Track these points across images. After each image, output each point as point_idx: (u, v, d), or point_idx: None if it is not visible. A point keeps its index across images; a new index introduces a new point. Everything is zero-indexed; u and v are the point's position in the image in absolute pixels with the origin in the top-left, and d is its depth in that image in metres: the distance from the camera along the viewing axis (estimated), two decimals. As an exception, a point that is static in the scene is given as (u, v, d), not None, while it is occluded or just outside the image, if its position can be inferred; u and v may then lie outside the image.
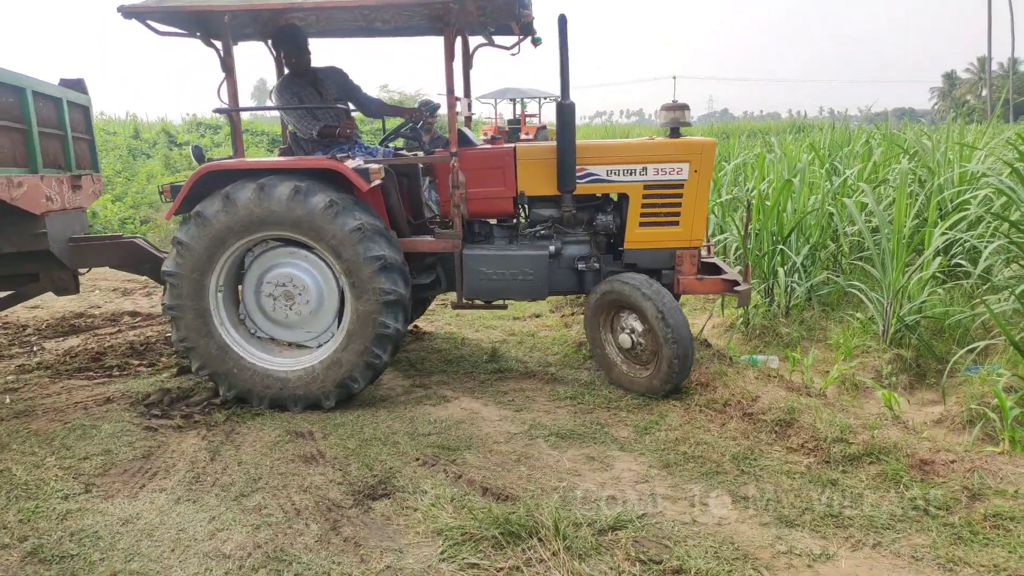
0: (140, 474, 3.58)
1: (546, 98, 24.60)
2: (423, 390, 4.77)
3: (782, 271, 6.30)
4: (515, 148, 4.75)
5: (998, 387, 4.07)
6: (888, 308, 5.42)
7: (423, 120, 5.30)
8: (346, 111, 5.18)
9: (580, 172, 4.64)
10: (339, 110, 5.07)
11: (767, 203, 6.68)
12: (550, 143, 4.74)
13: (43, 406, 4.52)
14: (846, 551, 2.80)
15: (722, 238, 7.58)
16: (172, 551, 2.88)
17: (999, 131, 9.88)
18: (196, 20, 4.54)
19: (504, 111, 24.41)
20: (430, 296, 5.89)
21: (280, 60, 5.34)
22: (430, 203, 5.47)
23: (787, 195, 6.82)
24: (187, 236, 4.29)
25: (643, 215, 4.69)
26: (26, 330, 6.49)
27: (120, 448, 3.86)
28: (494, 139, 5.41)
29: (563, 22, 4.28)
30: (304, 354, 4.51)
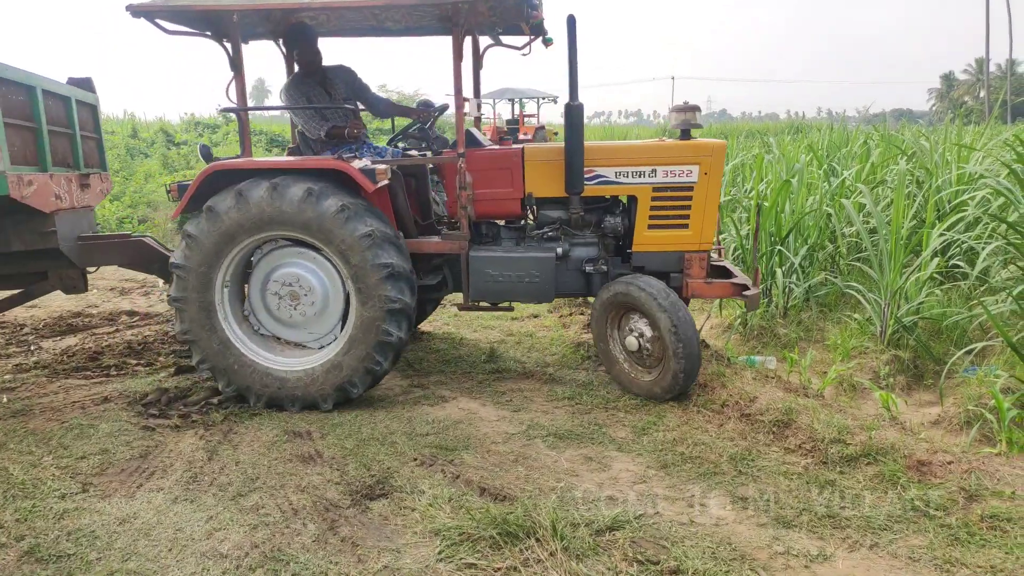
0: (137, 473, 3.58)
1: (544, 99, 24.61)
2: (421, 390, 4.77)
3: (780, 272, 6.30)
4: (523, 149, 4.70)
5: (995, 388, 4.08)
6: (886, 309, 5.42)
7: (432, 120, 5.28)
8: (354, 111, 5.15)
9: (588, 173, 4.60)
10: (347, 110, 5.04)
11: (765, 204, 6.68)
12: (558, 144, 4.68)
13: (40, 405, 4.51)
14: (843, 552, 2.80)
15: (720, 238, 7.58)
16: (169, 551, 2.88)
17: (997, 132, 9.90)
18: (205, 19, 4.53)
19: (503, 111, 24.42)
20: (437, 298, 5.87)
21: (290, 59, 5.32)
22: (438, 203, 5.45)
23: (785, 196, 6.83)
24: (197, 230, 4.29)
25: (652, 217, 4.63)
26: (23, 329, 6.48)
27: (117, 447, 3.85)
28: (502, 139, 5.35)
29: (572, 23, 4.24)
30: (305, 355, 4.51)
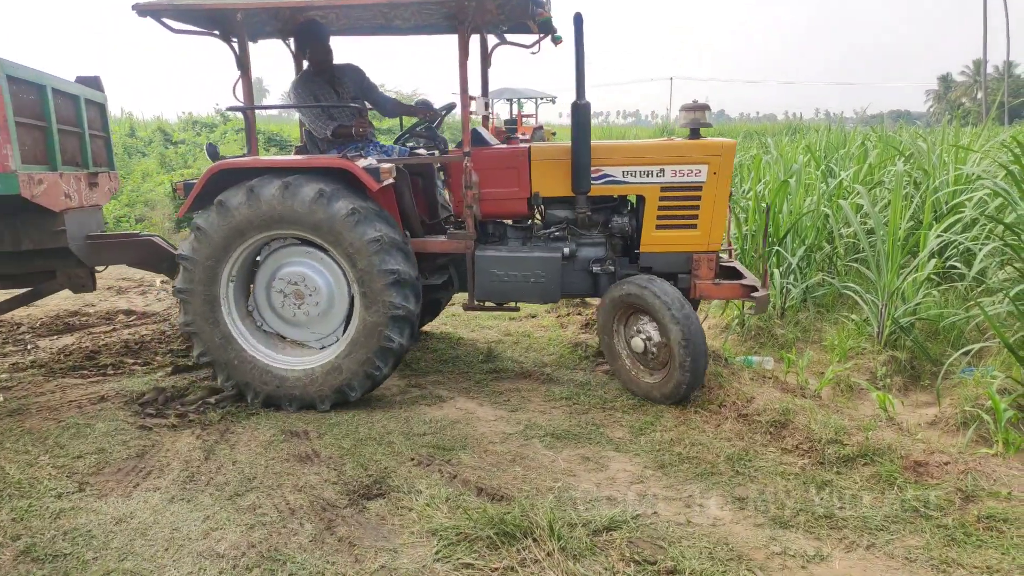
0: (134, 473, 3.57)
1: (542, 99, 24.64)
2: (418, 390, 4.77)
3: (777, 272, 6.31)
4: (530, 148, 4.67)
5: (992, 389, 4.08)
6: (883, 310, 5.43)
7: (439, 120, 5.26)
8: (361, 110, 5.13)
9: (595, 173, 4.57)
10: (355, 109, 5.02)
11: (764, 204, 6.68)
12: (565, 143, 4.64)
13: (37, 404, 4.50)
14: (840, 552, 2.81)
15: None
16: (166, 550, 2.88)
17: (994, 134, 9.90)
18: (212, 18, 4.51)
19: (501, 111, 24.39)
20: (445, 298, 5.85)
21: (299, 57, 5.32)
22: (447, 203, 5.43)
23: (783, 196, 6.84)
24: (207, 223, 4.28)
25: (660, 217, 4.58)
26: (20, 328, 6.47)
27: (114, 447, 3.85)
28: (509, 139, 5.32)
29: (579, 21, 4.19)
30: (306, 354, 4.50)
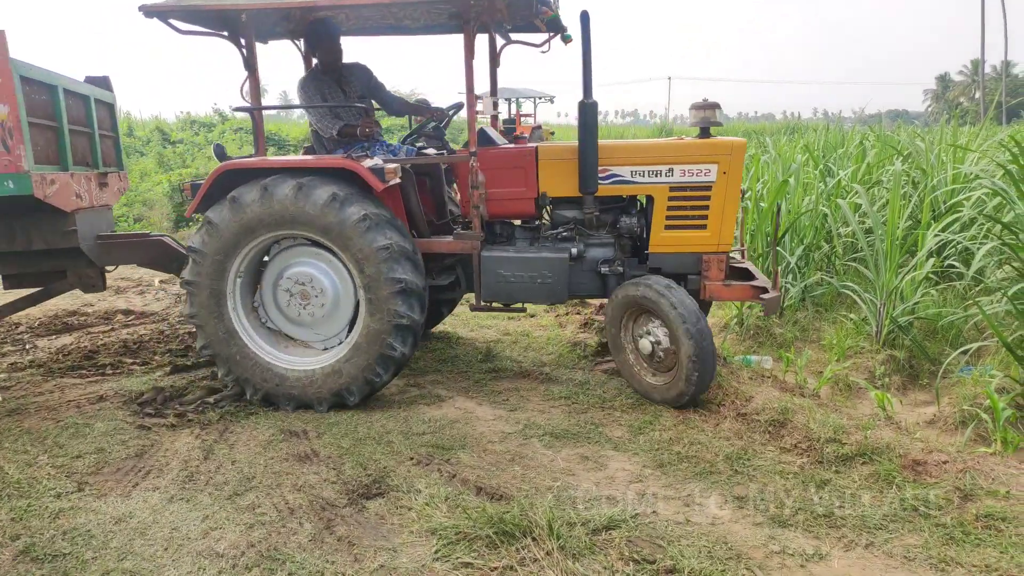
0: (133, 473, 3.57)
1: (541, 98, 24.65)
2: (417, 389, 4.77)
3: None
4: (536, 148, 4.64)
5: (990, 388, 4.09)
6: (881, 309, 5.44)
7: (447, 119, 5.24)
8: (367, 110, 5.11)
9: (603, 173, 4.52)
10: (360, 109, 5.01)
11: (762, 204, 6.69)
12: (572, 143, 4.60)
13: (36, 404, 4.50)
14: (839, 551, 2.81)
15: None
16: (165, 550, 2.88)
17: (992, 133, 9.91)
18: (220, 19, 4.50)
19: (499, 110, 24.38)
20: (452, 299, 5.82)
21: (308, 56, 5.32)
22: (455, 204, 5.41)
23: (782, 196, 6.84)
24: (219, 218, 4.28)
25: (669, 218, 4.53)
26: (19, 328, 6.46)
27: (113, 447, 3.85)
28: (517, 139, 5.31)
29: (585, 19, 4.17)
30: (307, 355, 4.50)
